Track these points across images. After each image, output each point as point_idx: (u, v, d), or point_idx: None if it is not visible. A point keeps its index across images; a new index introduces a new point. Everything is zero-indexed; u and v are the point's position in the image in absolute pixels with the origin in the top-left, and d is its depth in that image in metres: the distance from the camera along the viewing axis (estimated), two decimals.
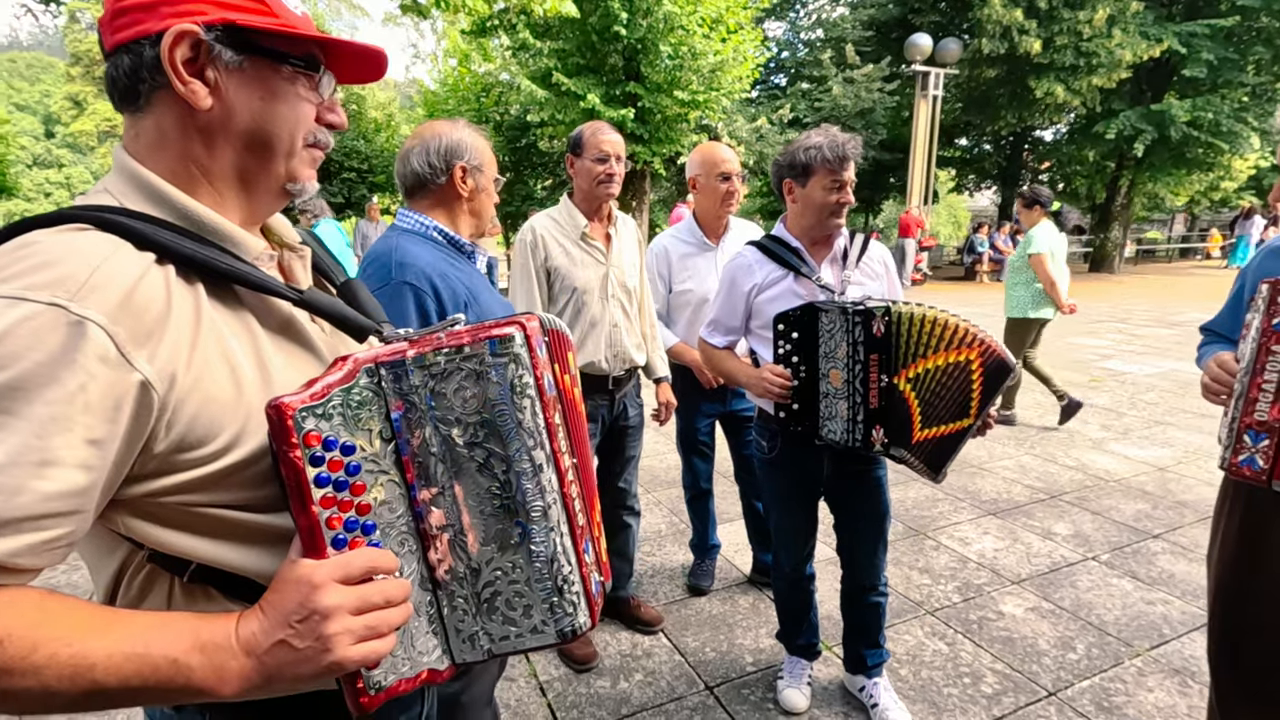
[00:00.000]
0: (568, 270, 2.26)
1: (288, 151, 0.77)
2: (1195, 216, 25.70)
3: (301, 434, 0.64)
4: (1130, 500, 3.82)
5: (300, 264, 0.87)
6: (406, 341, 0.76)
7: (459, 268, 1.57)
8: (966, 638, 2.58)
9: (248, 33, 0.71)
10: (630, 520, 2.59)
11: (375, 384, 0.71)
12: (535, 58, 11.47)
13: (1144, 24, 14.15)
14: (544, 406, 0.75)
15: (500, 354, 0.71)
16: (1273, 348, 1.33)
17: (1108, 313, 10.94)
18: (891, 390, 1.77)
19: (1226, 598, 1.62)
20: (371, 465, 0.70)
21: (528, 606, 0.76)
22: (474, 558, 0.75)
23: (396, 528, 0.72)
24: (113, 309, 0.60)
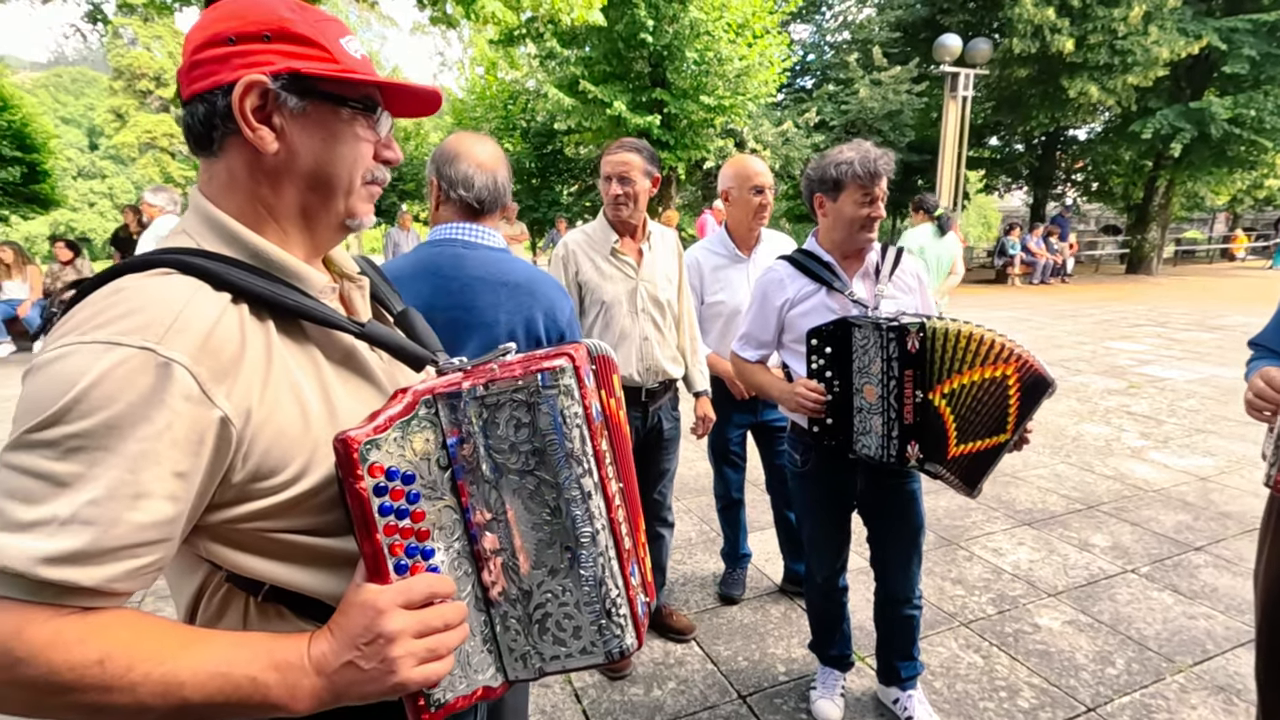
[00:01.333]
0: (596, 284, 2.30)
1: (347, 189, 0.82)
2: (1238, 215, 24.96)
3: (366, 465, 0.68)
4: (1171, 511, 3.75)
5: (360, 294, 0.92)
6: (461, 372, 0.80)
7: None
8: (1002, 650, 2.56)
9: (310, 80, 0.75)
10: (663, 531, 2.61)
11: (433, 414, 0.75)
12: (562, 65, 11.59)
13: (1182, 20, 13.80)
14: (592, 434, 0.78)
15: (550, 385, 0.75)
16: None
17: (1145, 315, 10.69)
18: (927, 406, 1.78)
19: (1276, 616, 1.60)
20: (429, 492, 0.74)
21: (577, 628, 0.80)
22: (525, 580, 0.79)
23: (453, 551, 0.76)
24: (195, 350, 0.65)
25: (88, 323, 0.65)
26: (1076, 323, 10.22)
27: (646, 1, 10.08)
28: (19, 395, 0.65)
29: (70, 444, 0.61)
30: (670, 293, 2.40)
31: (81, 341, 0.63)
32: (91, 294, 0.69)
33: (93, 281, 0.70)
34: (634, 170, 2.22)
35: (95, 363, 0.62)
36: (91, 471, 0.61)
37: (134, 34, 30.66)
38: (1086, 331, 9.35)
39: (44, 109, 35.14)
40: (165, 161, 30.56)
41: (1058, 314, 11.21)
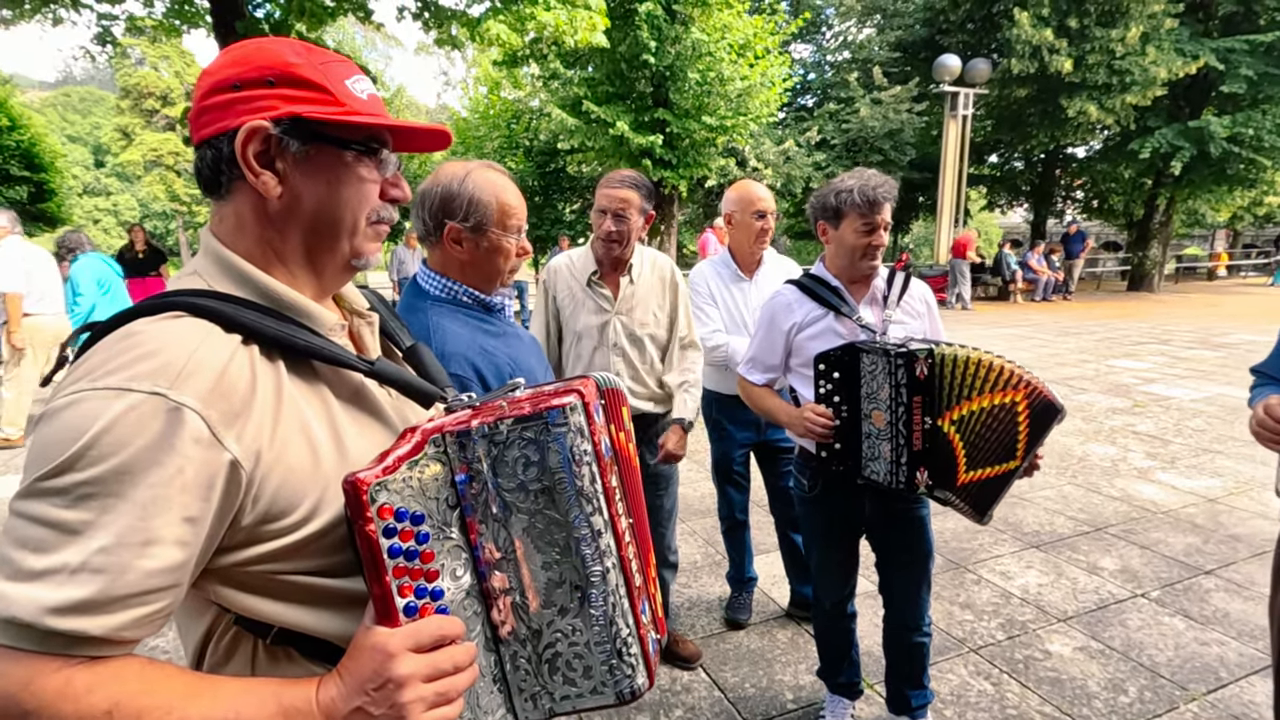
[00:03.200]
0: (570, 313, 2.29)
1: (351, 231, 0.82)
2: (1238, 233, 25.03)
3: (375, 507, 0.68)
4: (1179, 533, 3.71)
5: (369, 330, 0.92)
6: (470, 409, 0.80)
7: (494, 331, 1.48)
8: (1013, 678, 2.53)
9: (312, 124, 0.75)
10: (664, 573, 2.54)
11: (441, 452, 0.74)
12: (565, 86, 11.70)
13: (1179, 41, 13.94)
14: (602, 471, 0.78)
15: (560, 423, 0.74)
16: None
17: (1148, 333, 10.68)
18: (936, 432, 1.77)
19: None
20: (438, 532, 0.74)
21: (588, 668, 0.79)
22: (535, 619, 0.78)
23: (462, 590, 0.76)
24: (205, 393, 0.65)
25: (99, 369, 0.65)
26: (1079, 340, 10.21)
27: (649, 23, 10.20)
28: (30, 443, 0.65)
29: (81, 491, 0.61)
30: (655, 328, 2.33)
31: (93, 388, 0.63)
32: (104, 339, 0.69)
33: (105, 325, 0.71)
34: (631, 209, 2.17)
35: (106, 409, 0.62)
36: (102, 519, 0.61)
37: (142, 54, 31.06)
38: (1089, 349, 9.33)
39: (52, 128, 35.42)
40: (171, 179, 30.84)
41: (1061, 331, 11.20)
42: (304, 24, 7.10)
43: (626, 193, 2.16)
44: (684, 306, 2.44)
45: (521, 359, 1.53)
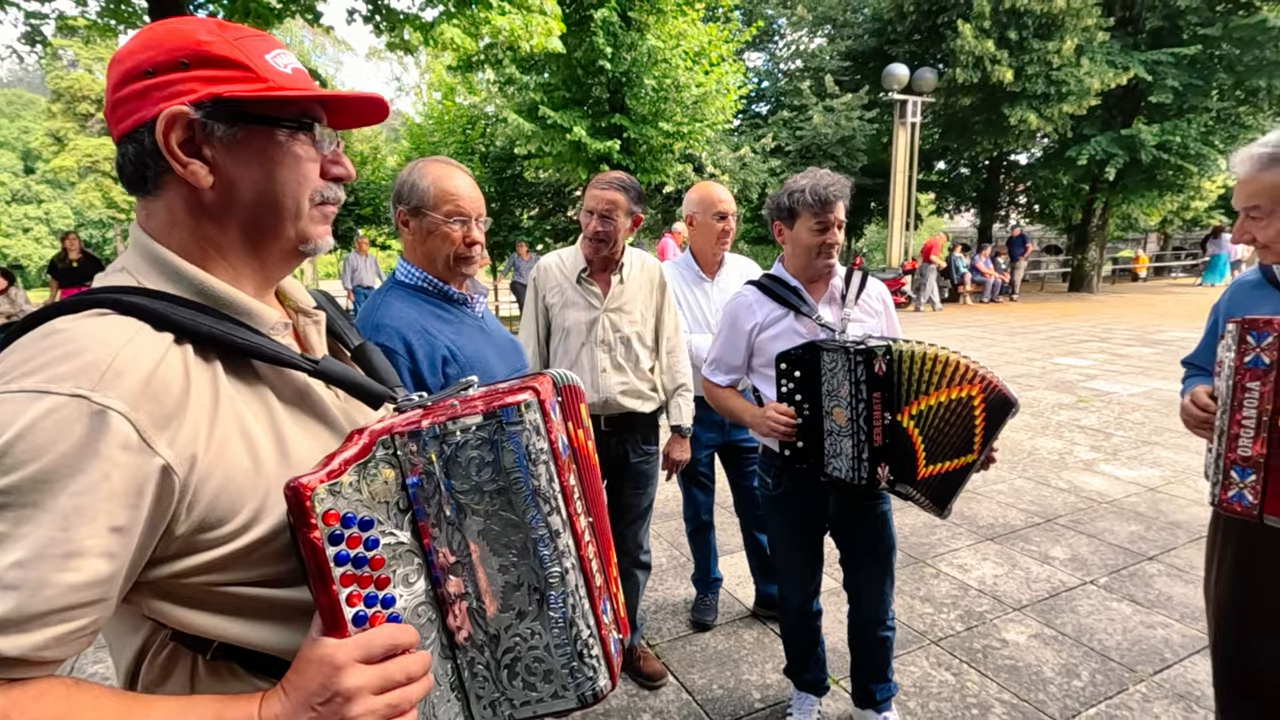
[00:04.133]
0: (559, 310, 2.31)
1: (295, 214, 0.78)
2: (1168, 236, 26.31)
3: (320, 513, 0.65)
4: (1124, 522, 3.87)
5: (315, 329, 0.88)
6: (421, 409, 0.78)
7: (448, 319, 1.55)
8: (972, 667, 2.59)
9: (236, 103, 0.71)
10: (636, 572, 2.53)
11: (391, 455, 0.72)
12: (521, 91, 11.64)
13: (1111, 53, 14.62)
14: (559, 470, 0.76)
15: (515, 422, 0.72)
16: (1247, 385, 1.38)
17: (1089, 332, 11.12)
18: (895, 428, 1.80)
19: (1228, 628, 1.65)
20: (389, 538, 0.71)
21: (548, 671, 0.77)
22: (493, 624, 0.76)
23: (415, 597, 0.73)
24: (133, 395, 0.62)
25: (15, 370, 0.60)
26: (1026, 340, 10.58)
27: (604, 30, 10.22)
28: None
29: None
30: (643, 326, 2.35)
31: (8, 390, 0.59)
32: (21, 338, 0.64)
33: (22, 324, 0.66)
34: (618, 210, 2.19)
35: (22, 413, 0.58)
36: (17, 531, 0.57)
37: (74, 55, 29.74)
38: (1035, 348, 9.68)
39: None
40: (107, 186, 29.54)
41: (1009, 331, 11.59)
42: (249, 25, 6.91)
43: (614, 194, 2.19)
44: (670, 310, 2.45)
45: (472, 350, 1.54)
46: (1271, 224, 1.43)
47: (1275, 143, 1.42)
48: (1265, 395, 1.35)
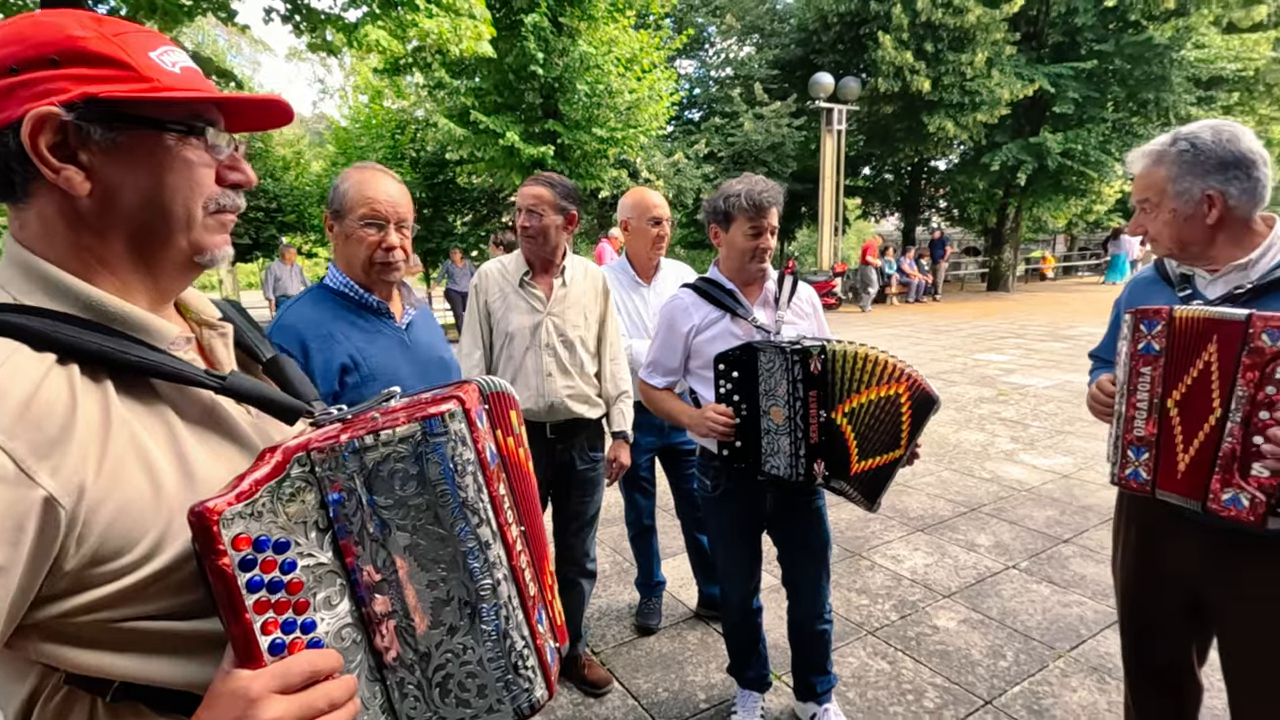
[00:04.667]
0: (501, 314, 2.29)
1: (187, 223, 0.73)
2: (1074, 237, 28.05)
3: (229, 538, 0.61)
4: (1041, 508, 4.09)
5: (221, 342, 0.83)
6: (340, 423, 0.75)
7: (362, 327, 1.53)
8: (906, 655, 2.68)
9: (115, 104, 0.66)
10: (581, 581, 2.51)
11: (308, 472, 0.68)
12: (452, 96, 11.45)
13: (1018, 66, 15.51)
14: (488, 480, 0.74)
15: (439, 433, 0.70)
16: (1140, 370, 1.48)
17: (1007, 329, 11.74)
18: (830, 425, 1.85)
19: (1132, 602, 1.76)
20: (308, 559, 0.68)
21: (482, 686, 0.75)
22: (423, 641, 0.73)
23: (339, 620, 0.70)
24: (9, 422, 0.57)
25: None
26: (949, 338, 11.08)
27: (535, 35, 10.17)
28: None
29: None
30: (585, 331, 2.34)
31: None
32: None
33: None
34: (543, 204, 2.20)
35: None
36: None
37: None
38: (958, 345, 10.16)
39: None
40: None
41: (933, 330, 12.10)
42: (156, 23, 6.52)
43: (539, 189, 2.20)
44: (613, 317, 2.45)
45: (381, 362, 1.52)
46: (1160, 216, 1.53)
47: (1164, 142, 1.52)
48: (1156, 379, 1.46)
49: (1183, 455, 1.42)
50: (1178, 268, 1.62)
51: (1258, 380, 1.27)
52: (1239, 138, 1.44)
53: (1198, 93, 15.90)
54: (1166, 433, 1.45)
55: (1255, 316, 1.28)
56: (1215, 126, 1.47)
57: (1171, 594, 1.65)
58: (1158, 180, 1.52)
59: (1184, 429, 1.41)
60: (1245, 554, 1.46)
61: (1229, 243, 1.49)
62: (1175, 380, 1.42)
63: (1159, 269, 1.70)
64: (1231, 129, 1.46)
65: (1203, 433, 1.38)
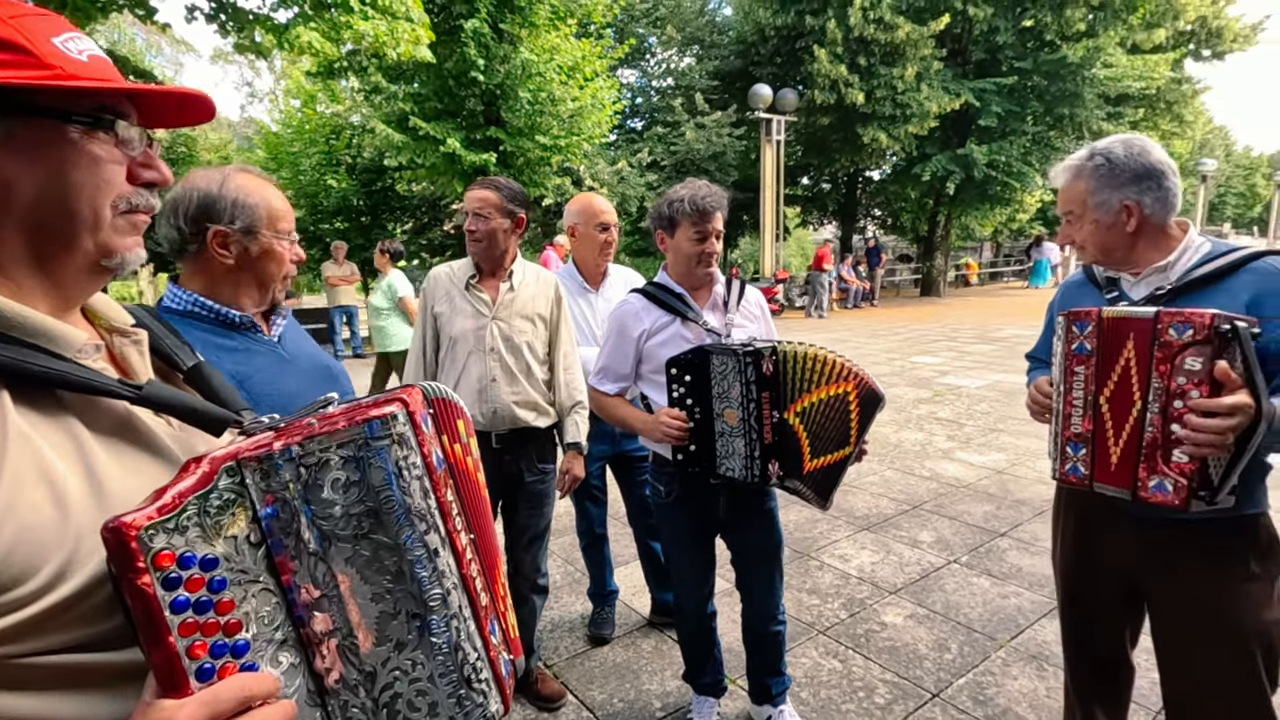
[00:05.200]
0: (447, 318, 2.25)
1: (93, 224, 0.68)
2: (1000, 244, 29.44)
3: (150, 556, 0.56)
4: (978, 503, 4.24)
5: (135, 350, 0.77)
6: (272, 431, 0.70)
7: (229, 347, 1.37)
8: (857, 652, 2.73)
9: (12, 92, 0.61)
10: (533, 597, 2.45)
11: (238, 483, 0.63)
12: (390, 101, 11.19)
13: (945, 80, 16.23)
14: (434, 485, 0.71)
15: (381, 436, 0.67)
16: (1074, 369, 1.55)
17: (940, 332, 12.19)
18: (783, 425, 1.86)
19: (1071, 593, 1.83)
20: (240, 576, 0.62)
21: (433, 704, 0.70)
22: (368, 660, 0.69)
23: (274, 641, 0.65)
24: None
25: None
26: (886, 341, 11.44)
27: (476, 41, 10.04)
28: None
29: None
30: (534, 337, 2.29)
31: None
32: None
33: None
34: (489, 207, 2.17)
35: None
36: None
37: None
38: (895, 349, 10.50)
39: None
40: None
41: (871, 334, 12.47)
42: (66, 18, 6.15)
43: (484, 192, 2.18)
44: (567, 325, 2.40)
45: (264, 380, 1.36)
46: (1084, 226, 1.61)
47: (1082, 157, 1.61)
48: (1089, 377, 1.52)
49: (1114, 448, 1.48)
50: (1104, 272, 1.70)
51: (1169, 372, 1.34)
52: (1148, 150, 1.53)
53: (1107, 109, 16.99)
54: (1100, 428, 1.51)
55: (1163, 313, 1.35)
56: (1126, 141, 1.55)
57: (1108, 583, 1.72)
58: (1078, 193, 1.59)
59: (1114, 423, 1.48)
60: (1175, 541, 1.53)
61: (1148, 248, 1.57)
62: (1106, 377, 1.49)
63: (1087, 273, 1.77)
64: (1141, 143, 1.54)
65: (1129, 425, 1.44)
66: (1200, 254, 1.53)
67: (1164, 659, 1.63)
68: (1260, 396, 1.28)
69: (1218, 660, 1.52)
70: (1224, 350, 1.28)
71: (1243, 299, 1.43)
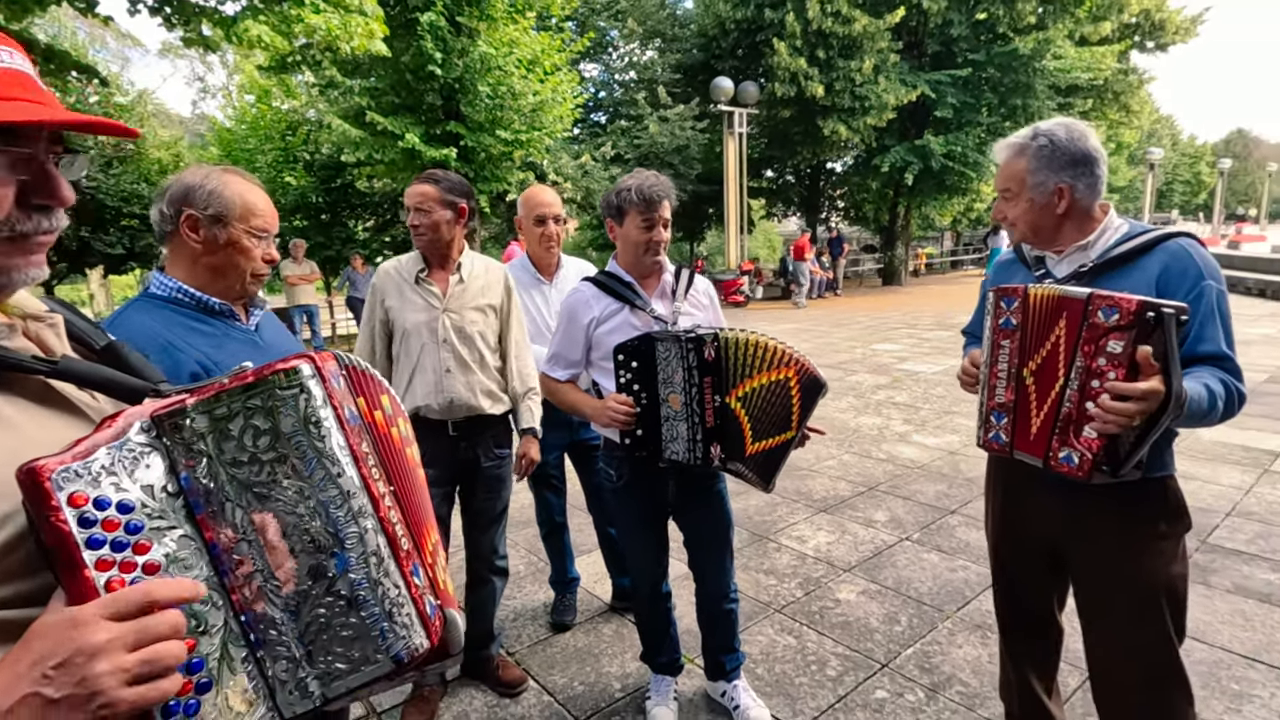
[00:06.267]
0: (398, 312, 2.26)
1: None
2: (959, 234, 30.09)
3: (65, 495, 0.58)
4: (932, 483, 4.38)
5: (52, 332, 0.80)
6: (188, 392, 0.73)
7: (206, 332, 1.42)
8: (811, 628, 2.82)
9: None
10: (493, 578, 2.49)
11: (153, 438, 0.67)
12: (346, 95, 10.99)
13: (902, 73, 16.52)
14: (347, 434, 0.74)
15: (289, 386, 0.71)
16: (1000, 343, 1.63)
17: (900, 320, 12.45)
18: (725, 409, 1.92)
19: (1001, 560, 1.93)
20: (158, 522, 0.65)
21: (355, 638, 0.73)
22: (289, 599, 0.72)
23: None
24: None
25: None
26: (849, 330, 11.64)
27: (432, 34, 9.91)
28: None
29: None
30: (485, 327, 2.33)
31: None
32: None
33: None
34: (429, 201, 2.19)
35: None
36: None
37: None
38: (857, 337, 10.70)
39: None
40: None
41: (834, 323, 12.68)
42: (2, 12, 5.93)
43: (424, 186, 2.20)
44: (517, 313, 2.43)
45: (228, 362, 1.39)
46: (1018, 204, 1.69)
47: (1026, 135, 1.67)
48: (1014, 350, 1.61)
49: (1035, 419, 1.57)
50: (1032, 251, 1.79)
51: (1092, 353, 1.41)
52: (1086, 136, 1.61)
53: (1058, 99, 17.46)
54: (1023, 399, 1.59)
55: (1094, 295, 1.41)
56: (1068, 125, 1.62)
57: (1034, 550, 1.82)
58: (1018, 171, 1.66)
59: (1037, 395, 1.56)
60: (1092, 508, 1.63)
61: (1073, 229, 1.65)
62: (1031, 351, 1.57)
63: (1018, 253, 1.86)
64: (1080, 128, 1.62)
65: (1050, 398, 1.52)
66: (1119, 234, 1.62)
67: (1086, 622, 1.73)
68: (1172, 382, 1.33)
69: (1131, 621, 1.63)
70: (1148, 335, 1.33)
71: (1153, 274, 1.52)
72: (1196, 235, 1.60)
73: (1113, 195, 36.26)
